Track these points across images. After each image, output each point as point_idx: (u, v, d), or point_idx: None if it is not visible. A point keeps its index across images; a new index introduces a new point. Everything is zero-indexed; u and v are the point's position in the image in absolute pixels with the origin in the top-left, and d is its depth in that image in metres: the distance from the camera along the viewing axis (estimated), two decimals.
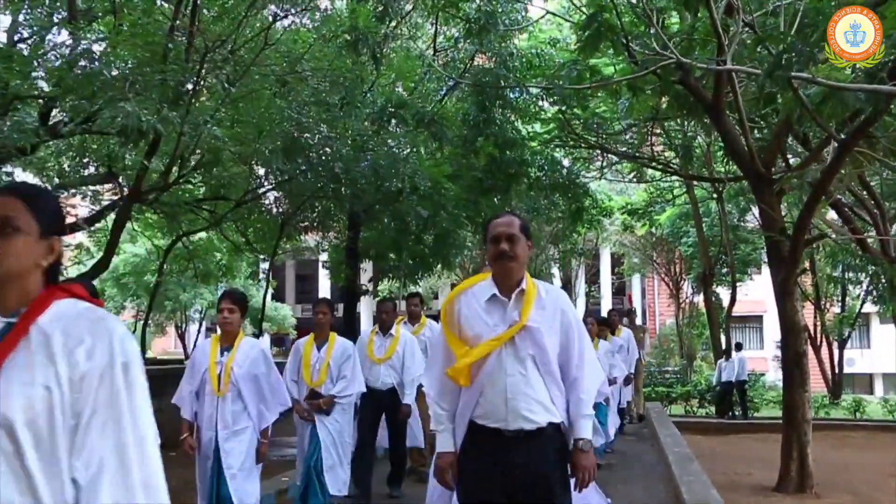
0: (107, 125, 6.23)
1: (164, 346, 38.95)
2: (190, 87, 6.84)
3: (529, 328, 3.25)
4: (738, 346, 19.08)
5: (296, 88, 9.10)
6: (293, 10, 8.35)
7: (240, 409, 5.28)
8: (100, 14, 8.48)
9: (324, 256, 17.56)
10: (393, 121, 10.35)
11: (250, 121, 8.97)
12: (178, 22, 7.06)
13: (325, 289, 34.34)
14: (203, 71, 6.99)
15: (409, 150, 10.15)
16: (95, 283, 23.36)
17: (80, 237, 19.90)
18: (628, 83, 8.68)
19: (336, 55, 9.53)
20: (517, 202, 15.76)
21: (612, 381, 9.46)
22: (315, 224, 13.56)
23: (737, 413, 18.46)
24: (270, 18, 8.30)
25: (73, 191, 14.29)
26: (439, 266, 14.10)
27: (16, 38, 9.64)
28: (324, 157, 9.43)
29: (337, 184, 9.66)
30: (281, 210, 13.94)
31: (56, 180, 13.16)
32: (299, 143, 9.12)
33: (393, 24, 11.73)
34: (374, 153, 9.93)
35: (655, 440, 10.45)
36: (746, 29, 8.12)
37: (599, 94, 12.89)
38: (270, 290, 38.22)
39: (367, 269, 17.36)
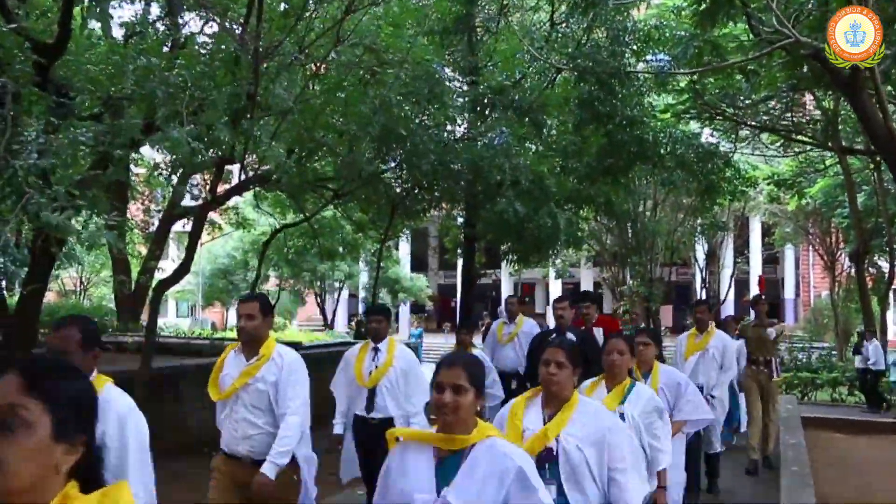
0: (157, 143, 6.17)
1: (308, 312, 40.24)
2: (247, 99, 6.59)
3: None
4: (872, 334, 17.36)
5: (383, 79, 8.72)
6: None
7: None
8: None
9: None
10: (490, 111, 9.73)
11: (339, 111, 8.74)
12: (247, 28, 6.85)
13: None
14: (261, 81, 6.71)
15: (508, 141, 9.45)
16: (236, 254, 24.19)
17: (212, 215, 20.60)
18: (741, 67, 7.81)
19: (419, 46, 9.06)
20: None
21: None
22: (430, 206, 13.23)
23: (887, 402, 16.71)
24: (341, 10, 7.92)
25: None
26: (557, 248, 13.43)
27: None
28: (420, 148, 8.94)
29: (431, 178, 9.28)
30: (401, 190, 13.81)
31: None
32: (392, 136, 8.78)
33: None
34: (471, 145, 9.43)
35: (775, 453, 9.17)
36: None
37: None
38: (409, 260, 38.94)
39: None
